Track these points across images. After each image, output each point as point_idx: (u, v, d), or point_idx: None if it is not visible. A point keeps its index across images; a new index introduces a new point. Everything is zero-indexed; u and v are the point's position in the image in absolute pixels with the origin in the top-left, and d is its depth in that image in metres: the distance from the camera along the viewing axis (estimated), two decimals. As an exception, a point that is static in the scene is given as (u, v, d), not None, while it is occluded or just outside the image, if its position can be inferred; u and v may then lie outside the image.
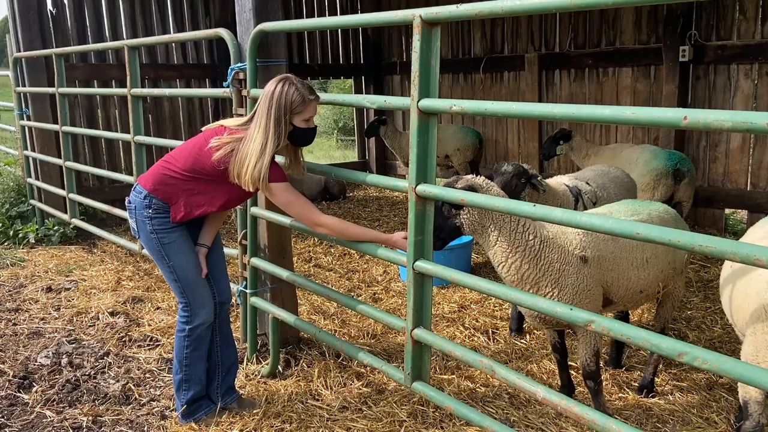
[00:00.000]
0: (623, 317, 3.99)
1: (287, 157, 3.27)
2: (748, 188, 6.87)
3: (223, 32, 3.84)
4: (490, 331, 4.55)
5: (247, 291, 4.01)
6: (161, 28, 8.57)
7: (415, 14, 2.62)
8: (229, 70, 3.76)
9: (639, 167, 5.87)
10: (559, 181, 4.38)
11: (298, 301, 4.90)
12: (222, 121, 3.14)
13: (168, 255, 3.12)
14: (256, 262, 3.92)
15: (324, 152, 17.73)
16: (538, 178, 3.96)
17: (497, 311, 4.89)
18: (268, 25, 3.50)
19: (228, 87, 3.78)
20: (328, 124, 22.62)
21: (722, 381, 3.65)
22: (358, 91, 11.13)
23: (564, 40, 8.35)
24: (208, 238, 3.29)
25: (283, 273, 3.76)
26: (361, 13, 10.68)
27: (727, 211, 7.26)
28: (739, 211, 7.37)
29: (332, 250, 6.68)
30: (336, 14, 10.49)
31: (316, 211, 3.09)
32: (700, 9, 6.80)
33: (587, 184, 4.43)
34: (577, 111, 2.21)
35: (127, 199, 3.19)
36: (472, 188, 2.88)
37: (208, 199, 3.07)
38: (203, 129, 3.18)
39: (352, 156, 13.52)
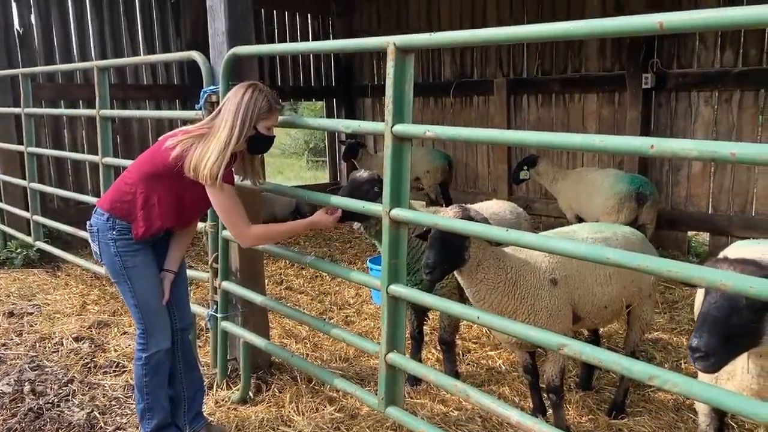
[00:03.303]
0: (594, 340, 4.06)
1: (245, 165, 3.25)
2: (710, 211, 7.08)
3: (196, 55, 3.83)
4: (462, 354, 4.56)
5: (218, 315, 3.95)
6: (131, 48, 8.49)
7: (389, 41, 2.66)
8: (201, 93, 3.75)
9: (604, 191, 6.01)
10: (438, 208, 4.30)
11: (270, 324, 4.84)
12: (178, 129, 3.12)
13: (130, 279, 3.06)
14: (228, 285, 3.87)
15: (295, 173, 17.70)
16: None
17: (466, 333, 4.90)
18: (241, 49, 3.51)
19: (200, 109, 3.77)
20: (299, 145, 22.61)
21: (689, 403, 3.72)
22: (329, 113, 11.17)
23: (531, 66, 8.55)
24: (174, 262, 3.24)
25: (255, 297, 3.72)
26: (333, 36, 10.78)
27: (690, 233, 7.46)
28: (702, 233, 7.57)
29: (304, 272, 6.64)
30: (308, 38, 10.55)
31: (248, 221, 3.05)
32: (662, 38, 7.05)
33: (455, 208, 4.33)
34: (548, 139, 2.27)
35: (88, 223, 3.12)
36: (469, 218, 2.91)
37: (165, 209, 3.00)
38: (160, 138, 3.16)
39: (324, 177, 13.51)
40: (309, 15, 10.51)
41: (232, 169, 3.13)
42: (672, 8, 6.32)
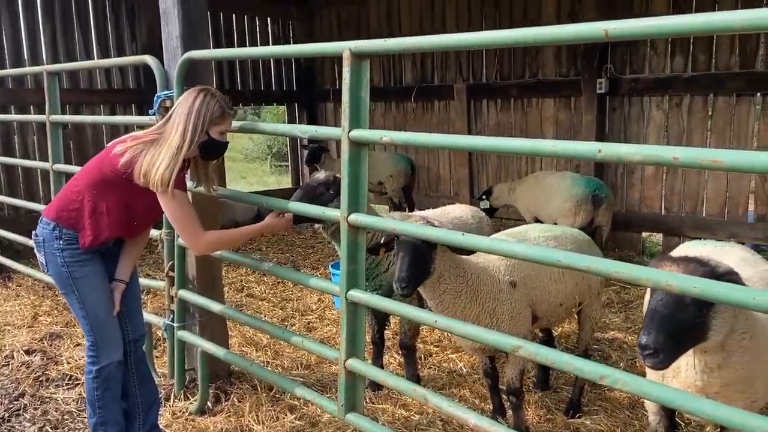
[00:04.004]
0: (547, 341, 4.13)
1: (198, 171, 3.20)
2: (663, 212, 7.29)
3: (150, 59, 3.76)
4: (424, 357, 4.58)
5: (175, 324, 3.88)
6: (84, 52, 8.28)
7: (345, 47, 2.66)
8: (156, 98, 3.68)
9: (561, 194, 6.14)
10: (402, 214, 4.31)
11: (229, 332, 4.77)
12: (127, 135, 3.05)
13: (79, 290, 2.98)
14: (184, 294, 3.80)
15: (258, 178, 17.52)
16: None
17: (428, 337, 4.93)
18: (196, 54, 3.46)
19: (154, 114, 3.69)
20: (262, 150, 22.39)
21: (642, 401, 3.81)
22: (291, 118, 11.11)
23: (490, 71, 8.67)
24: (124, 272, 3.16)
25: (213, 305, 3.66)
26: (293, 41, 10.73)
27: (644, 234, 7.66)
28: (655, 234, 7.79)
29: (265, 279, 6.57)
30: (268, 42, 10.47)
31: (201, 228, 2.99)
32: (615, 44, 7.24)
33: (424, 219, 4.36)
34: (501, 144, 2.30)
35: (33, 233, 3.02)
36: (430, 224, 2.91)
37: (114, 218, 2.93)
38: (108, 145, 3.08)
39: (287, 182, 13.40)
40: (269, 19, 10.44)
41: (185, 175, 3.08)
42: (624, 16, 6.52)
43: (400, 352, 4.25)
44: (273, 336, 3.70)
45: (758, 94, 6.55)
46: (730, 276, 1.99)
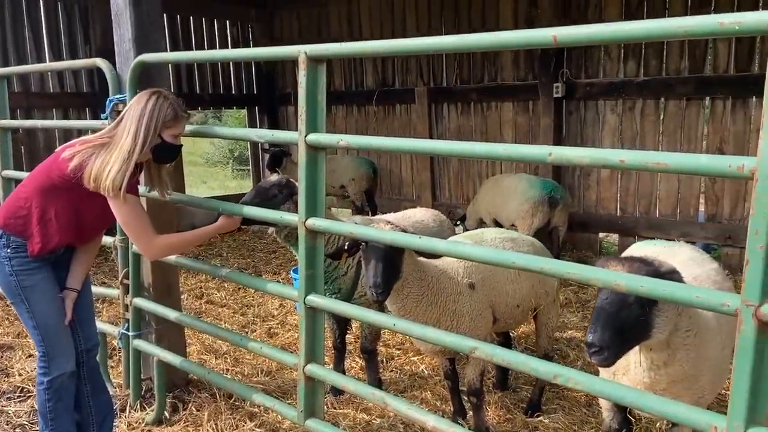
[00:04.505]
0: (505, 343, 4.17)
1: (151, 176, 3.14)
2: (618, 213, 7.47)
3: (101, 62, 3.68)
4: (386, 360, 4.59)
5: (130, 333, 3.79)
6: (35, 55, 8.03)
7: (300, 51, 2.65)
8: (108, 101, 3.61)
9: (518, 196, 6.25)
10: (364, 219, 4.35)
11: (188, 340, 4.70)
12: (76, 139, 2.98)
13: (28, 299, 2.89)
14: (139, 302, 3.72)
15: (219, 182, 17.28)
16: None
17: (390, 340, 4.93)
18: (148, 57, 3.39)
19: (106, 118, 3.61)
20: (224, 154, 22.10)
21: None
22: (251, 121, 10.99)
23: (450, 75, 8.75)
24: (76, 280, 3.08)
25: (169, 313, 3.59)
26: (253, 44, 10.64)
27: (601, 234, 7.84)
28: (612, 234, 7.97)
29: (226, 285, 6.48)
30: (227, 45, 10.34)
31: (153, 233, 2.95)
32: (571, 49, 7.40)
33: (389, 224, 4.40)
34: (454, 147, 2.32)
35: None
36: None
37: (64, 224, 2.86)
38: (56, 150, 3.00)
39: (248, 186, 13.26)
40: (228, 22, 10.32)
41: (138, 180, 3.02)
42: (579, 22, 6.66)
43: (361, 356, 4.24)
44: (231, 343, 3.65)
45: (707, 98, 6.78)
46: (672, 275, 2.05)
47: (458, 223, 7.28)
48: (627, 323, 2.02)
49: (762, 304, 1.58)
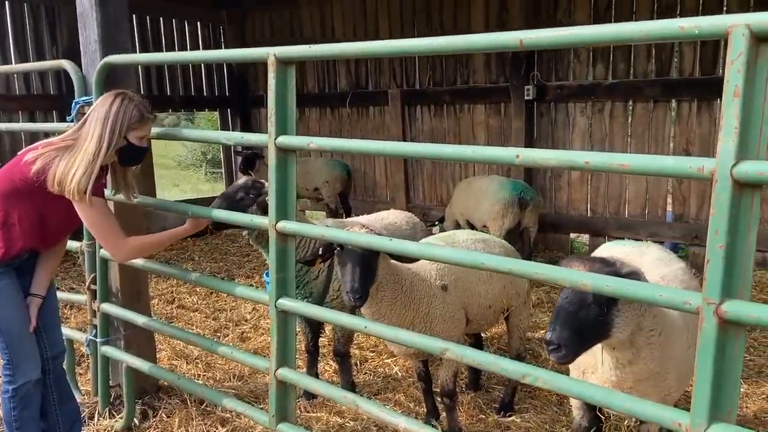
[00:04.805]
0: (476, 344, 4.20)
1: (117, 178, 3.10)
2: (589, 214, 7.59)
3: (66, 64, 3.61)
4: (359, 363, 4.58)
5: (98, 340, 3.72)
6: (0, 57, 7.86)
7: (269, 53, 2.64)
8: (73, 104, 3.54)
9: (489, 197, 6.31)
10: (337, 221, 4.36)
11: (159, 346, 4.64)
12: (39, 142, 2.92)
13: None
14: (107, 308, 3.65)
15: (192, 186, 17.09)
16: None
17: (363, 342, 4.93)
18: (115, 58, 3.34)
19: (72, 121, 3.54)
20: (196, 156, 21.88)
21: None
22: (224, 124, 10.88)
23: (423, 77, 8.79)
24: (40, 286, 3.01)
25: (138, 318, 3.54)
26: (224, 46, 10.54)
27: (572, 235, 7.94)
28: (583, 234, 8.09)
29: (198, 290, 6.40)
30: (198, 47, 10.23)
31: (122, 235, 2.91)
32: (541, 52, 7.49)
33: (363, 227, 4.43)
34: (424, 149, 2.33)
35: None
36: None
37: (27, 228, 2.80)
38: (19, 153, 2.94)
39: (221, 189, 13.13)
40: (199, 23, 10.21)
41: (103, 183, 2.97)
42: (549, 26, 6.76)
43: (334, 359, 4.22)
44: (202, 348, 3.60)
45: (673, 100, 6.93)
46: (631, 276, 2.09)
47: (436, 223, 7.31)
48: (586, 322, 2.07)
49: (722, 302, 1.62)
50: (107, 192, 3.18)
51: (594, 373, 2.40)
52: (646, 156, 1.80)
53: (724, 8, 6.60)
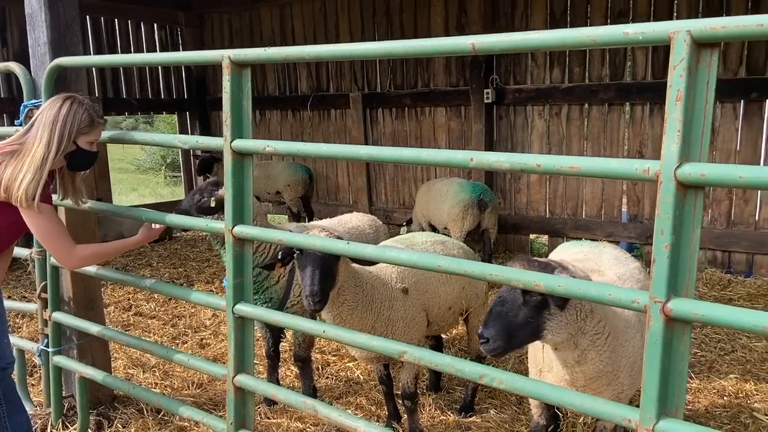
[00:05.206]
0: (436, 346, 4.23)
1: (65, 184, 3.02)
2: (548, 215, 7.72)
3: (15, 66, 3.49)
4: (321, 367, 4.55)
5: (49, 350, 3.60)
6: (-54, 57, 7.58)
7: (224, 55, 2.60)
8: (22, 107, 3.43)
9: (449, 199, 6.38)
10: (299, 225, 4.35)
11: (115, 354, 4.53)
12: None
13: None
14: (59, 317, 3.54)
15: (151, 190, 16.69)
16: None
17: (325, 347, 4.90)
18: (65, 60, 3.25)
19: (20, 125, 3.43)
20: (156, 160, 21.41)
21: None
22: (182, 126, 10.71)
23: (384, 80, 8.81)
24: None
25: (91, 327, 3.44)
26: (182, 48, 10.37)
27: (532, 236, 8.07)
28: (542, 235, 8.22)
29: (156, 296, 6.27)
30: (155, 49, 10.04)
31: (72, 243, 2.84)
32: (500, 56, 7.60)
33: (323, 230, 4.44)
34: (380, 152, 2.34)
35: None
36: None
37: None
38: None
39: (181, 193, 12.90)
40: (155, 25, 10.02)
41: (51, 188, 2.88)
42: (506, 30, 6.87)
43: (296, 364, 4.19)
44: (158, 356, 3.53)
45: (627, 103, 7.11)
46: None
47: (404, 224, 7.35)
48: (515, 323, 2.19)
49: (668, 299, 1.67)
50: (54, 198, 3.08)
51: (550, 372, 2.44)
52: (595, 159, 1.84)
53: (674, 15, 6.82)
